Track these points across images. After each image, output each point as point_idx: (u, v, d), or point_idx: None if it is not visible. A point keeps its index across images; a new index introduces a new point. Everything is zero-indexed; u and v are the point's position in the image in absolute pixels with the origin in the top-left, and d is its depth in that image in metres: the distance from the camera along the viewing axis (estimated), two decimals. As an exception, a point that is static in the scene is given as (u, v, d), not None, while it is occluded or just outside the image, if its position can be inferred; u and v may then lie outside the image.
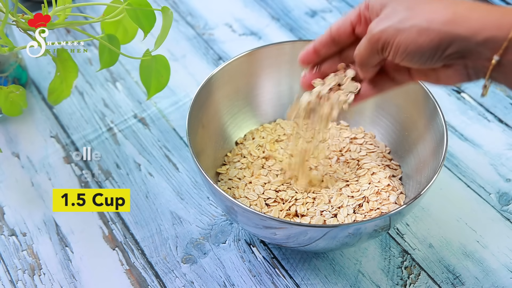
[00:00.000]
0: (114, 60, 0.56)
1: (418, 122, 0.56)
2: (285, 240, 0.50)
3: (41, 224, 0.58)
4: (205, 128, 0.57)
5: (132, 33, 0.57)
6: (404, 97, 0.57)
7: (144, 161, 0.63)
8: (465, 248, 0.56)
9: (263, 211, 0.54)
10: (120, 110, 0.69)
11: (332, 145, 0.61)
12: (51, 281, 0.53)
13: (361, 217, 0.53)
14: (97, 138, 0.66)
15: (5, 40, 0.52)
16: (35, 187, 0.61)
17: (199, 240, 0.56)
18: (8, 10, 0.50)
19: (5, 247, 0.56)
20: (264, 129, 0.62)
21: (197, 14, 0.83)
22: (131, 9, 0.50)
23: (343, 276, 0.53)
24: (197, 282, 0.53)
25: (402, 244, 0.56)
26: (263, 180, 0.56)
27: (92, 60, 0.75)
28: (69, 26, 0.55)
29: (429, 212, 0.58)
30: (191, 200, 0.60)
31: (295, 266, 0.54)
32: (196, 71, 0.75)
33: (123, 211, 0.58)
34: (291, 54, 0.61)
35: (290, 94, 0.63)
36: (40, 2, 0.83)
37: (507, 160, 0.63)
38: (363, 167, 0.58)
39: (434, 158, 0.51)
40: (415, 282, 0.53)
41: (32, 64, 0.74)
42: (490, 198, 0.60)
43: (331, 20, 0.82)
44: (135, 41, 0.59)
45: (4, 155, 0.64)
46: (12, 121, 0.67)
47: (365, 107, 0.62)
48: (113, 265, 0.55)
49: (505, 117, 0.68)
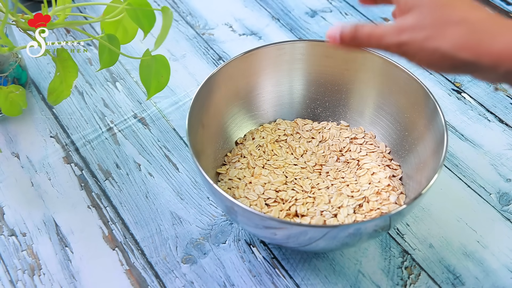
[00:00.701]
0: (114, 60, 0.56)
1: (418, 122, 0.56)
2: (285, 240, 0.50)
3: (41, 224, 0.58)
4: (205, 128, 0.57)
5: (132, 33, 0.57)
6: (404, 97, 0.57)
7: (144, 161, 0.63)
8: (465, 248, 0.56)
9: (263, 211, 0.54)
10: (120, 110, 0.69)
11: (332, 145, 0.61)
12: (51, 281, 0.53)
13: (361, 217, 0.53)
14: (97, 138, 0.66)
15: (5, 40, 0.52)
16: (35, 187, 0.61)
17: (199, 240, 0.56)
18: (8, 10, 0.50)
19: (5, 247, 0.56)
20: (264, 129, 0.62)
21: (197, 14, 0.83)
22: (131, 9, 0.50)
23: (343, 276, 0.53)
24: (197, 282, 0.53)
25: (402, 244, 0.56)
26: (263, 180, 0.56)
27: (92, 60, 0.75)
28: (69, 26, 0.55)
29: (429, 212, 0.58)
30: (191, 200, 0.60)
31: (295, 266, 0.54)
32: (196, 71, 0.74)
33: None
34: (291, 54, 0.61)
35: (290, 94, 0.63)
36: (40, 2, 0.83)
37: (508, 160, 0.63)
38: (363, 167, 0.58)
39: (434, 158, 0.51)
40: (415, 282, 0.53)
41: (32, 64, 0.74)
42: (490, 198, 0.60)
43: (331, 20, 0.82)
44: (135, 41, 0.59)
45: (4, 155, 0.64)
46: (12, 121, 0.67)
47: (365, 107, 0.62)
48: (113, 265, 0.54)
49: (505, 117, 0.68)
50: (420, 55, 0.39)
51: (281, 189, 0.56)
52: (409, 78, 0.55)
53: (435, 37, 0.37)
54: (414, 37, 0.38)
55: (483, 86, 0.72)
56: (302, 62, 0.61)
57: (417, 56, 0.39)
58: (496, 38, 0.36)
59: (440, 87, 0.72)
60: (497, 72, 0.36)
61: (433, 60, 0.38)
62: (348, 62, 0.60)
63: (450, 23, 0.37)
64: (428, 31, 0.38)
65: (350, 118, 0.63)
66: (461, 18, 0.37)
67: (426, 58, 0.39)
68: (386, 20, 0.82)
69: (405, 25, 0.39)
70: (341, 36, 0.42)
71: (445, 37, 0.37)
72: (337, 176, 0.57)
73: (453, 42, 0.37)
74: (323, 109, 0.64)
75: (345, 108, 0.63)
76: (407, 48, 0.39)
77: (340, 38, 0.42)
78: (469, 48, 0.36)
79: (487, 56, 0.36)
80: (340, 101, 0.63)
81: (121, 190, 0.60)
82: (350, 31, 0.42)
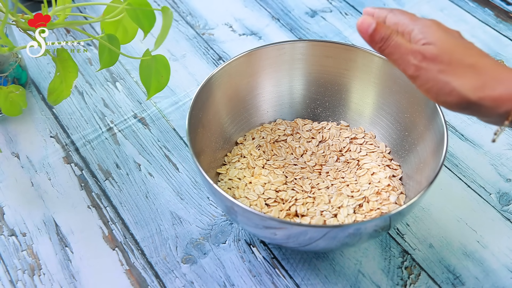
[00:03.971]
0: (114, 60, 0.56)
1: (418, 122, 0.56)
2: (285, 240, 0.50)
3: (41, 224, 0.58)
4: (205, 128, 0.57)
5: (132, 33, 0.57)
6: (404, 97, 0.57)
7: (144, 161, 0.63)
8: (465, 248, 0.56)
9: (263, 211, 0.54)
10: (120, 110, 0.69)
11: (332, 145, 0.61)
12: (51, 281, 0.53)
13: (361, 217, 0.53)
14: (97, 138, 0.66)
15: (5, 40, 0.52)
16: (35, 187, 0.61)
17: (199, 240, 0.56)
18: (8, 10, 0.50)
19: (5, 247, 0.56)
20: (264, 129, 0.62)
21: (197, 14, 0.83)
22: (131, 9, 0.50)
23: (343, 276, 0.53)
24: (197, 282, 0.53)
25: (402, 244, 0.56)
26: (263, 180, 0.56)
27: (92, 60, 0.75)
28: (69, 26, 0.55)
29: (429, 212, 0.58)
30: (191, 200, 0.60)
31: (295, 266, 0.54)
32: (196, 71, 0.74)
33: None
34: (291, 54, 0.61)
35: (290, 94, 0.63)
36: (40, 2, 0.83)
37: (508, 160, 0.63)
38: (363, 167, 0.58)
39: (434, 158, 0.51)
40: (415, 282, 0.53)
41: (32, 64, 0.74)
42: (490, 198, 0.60)
43: (331, 20, 0.82)
44: (135, 41, 0.59)
45: (4, 155, 0.64)
46: (12, 121, 0.67)
47: (365, 107, 0.62)
48: (113, 265, 0.55)
49: (505, 117, 0.68)
50: (431, 84, 0.42)
51: (281, 189, 0.56)
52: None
53: (448, 72, 0.42)
54: (431, 67, 0.42)
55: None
56: (302, 62, 0.61)
57: (429, 83, 0.42)
58: (498, 83, 0.40)
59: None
60: (497, 112, 0.40)
61: (442, 92, 0.42)
62: (348, 62, 0.60)
63: (463, 65, 0.42)
64: (444, 66, 0.42)
65: (350, 118, 0.63)
66: (472, 63, 0.42)
67: (436, 88, 0.42)
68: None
69: (428, 53, 0.42)
70: (373, 33, 0.44)
71: (456, 75, 0.41)
72: (337, 176, 0.57)
73: (462, 81, 0.41)
74: (323, 109, 0.64)
75: (345, 108, 0.63)
76: (422, 73, 0.43)
77: (371, 34, 0.44)
78: (474, 89, 0.41)
79: (489, 98, 0.40)
80: (340, 101, 0.63)
81: (121, 190, 0.60)
82: (384, 33, 0.44)
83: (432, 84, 0.42)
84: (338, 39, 0.79)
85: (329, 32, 0.80)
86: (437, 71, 0.42)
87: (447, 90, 0.42)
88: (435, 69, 0.42)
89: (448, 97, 0.42)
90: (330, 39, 0.79)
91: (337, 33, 0.80)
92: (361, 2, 0.85)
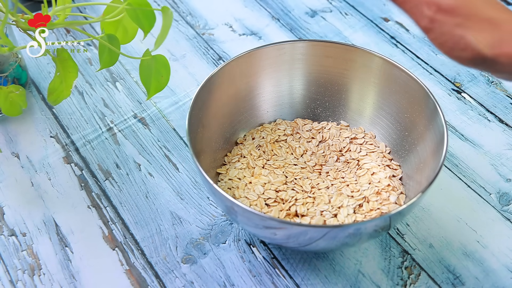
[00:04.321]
0: (114, 60, 0.56)
1: (418, 122, 0.56)
2: (285, 240, 0.50)
3: (41, 224, 0.58)
4: (205, 128, 0.57)
5: (132, 33, 0.57)
6: (404, 97, 0.57)
7: (144, 161, 0.63)
8: (465, 248, 0.56)
9: (263, 211, 0.54)
10: (120, 110, 0.69)
11: (332, 145, 0.61)
12: (51, 281, 0.53)
13: (361, 217, 0.53)
14: (97, 138, 0.66)
15: (5, 40, 0.52)
16: (35, 187, 0.61)
17: (199, 240, 0.56)
18: (8, 10, 0.50)
19: (4, 247, 0.56)
20: (264, 129, 0.62)
21: (197, 14, 0.83)
22: (131, 9, 0.50)
23: (343, 276, 0.53)
24: (197, 282, 0.53)
25: (402, 244, 0.56)
26: (263, 180, 0.56)
27: (92, 60, 0.75)
28: (69, 26, 0.55)
29: (429, 212, 0.58)
30: (191, 200, 0.60)
31: (295, 266, 0.54)
32: (196, 71, 0.74)
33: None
34: (291, 54, 0.61)
35: (290, 94, 0.63)
36: (40, 2, 0.83)
37: (508, 160, 0.63)
38: (363, 167, 0.58)
39: (434, 158, 0.51)
40: (415, 282, 0.53)
41: (32, 64, 0.74)
42: (490, 198, 0.60)
43: (331, 20, 0.82)
44: (135, 41, 0.59)
45: (4, 155, 0.64)
46: (12, 121, 0.67)
47: (365, 107, 0.62)
48: (113, 265, 0.55)
49: (505, 117, 0.68)
50: (446, 37, 0.40)
51: (281, 189, 0.56)
52: (409, 78, 0.56)
53: (464, 26, 0.39)
54: (447, 19, 0.40)
55: (483, 86, 0.72)
56: (302, 62, 0.61)
57: (443, 37, 0.40)
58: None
59: (440, 87, 0.72)
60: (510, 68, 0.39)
61: (456, 47, 0.40)
62: (348, 62, 0.60)
63: (481, 20, 0.39)
64: (460, 19, 0.39)
65: (350, 118, 0.63)
66: (490, 17, 0.39)
67: (450, 42, 0.40)
68: (387, 21, 0.82)
69: (444, 5, 0.40)
70: None
71: (473, 29, 0.39)
72: (337, 176, 0.57)
73: (478, 36, 0.39)
74: (323, 109, 0.64)
75: (345, 108, 0.63)
76: (436, 26, 0.40)
77: None
78: (491, 45, 0.39)
79: (505, 55, 0.38)
80: (340, 101, 0.63)
81: (121, 190, 0.60)
82: None
83: (446, 38, 0.40)
84: (338, 39, 0.79)
85: (329, 32, 0.80)
86: (453, 25, 0.39)
87: (462, 45, 0.39)
88: (451, 23, 0.40)
89: (463, 52, 0.40)
90: (330, 39, 0.79)
91: (337, 33, 0.80)
92: (361, 2, 0.85)
